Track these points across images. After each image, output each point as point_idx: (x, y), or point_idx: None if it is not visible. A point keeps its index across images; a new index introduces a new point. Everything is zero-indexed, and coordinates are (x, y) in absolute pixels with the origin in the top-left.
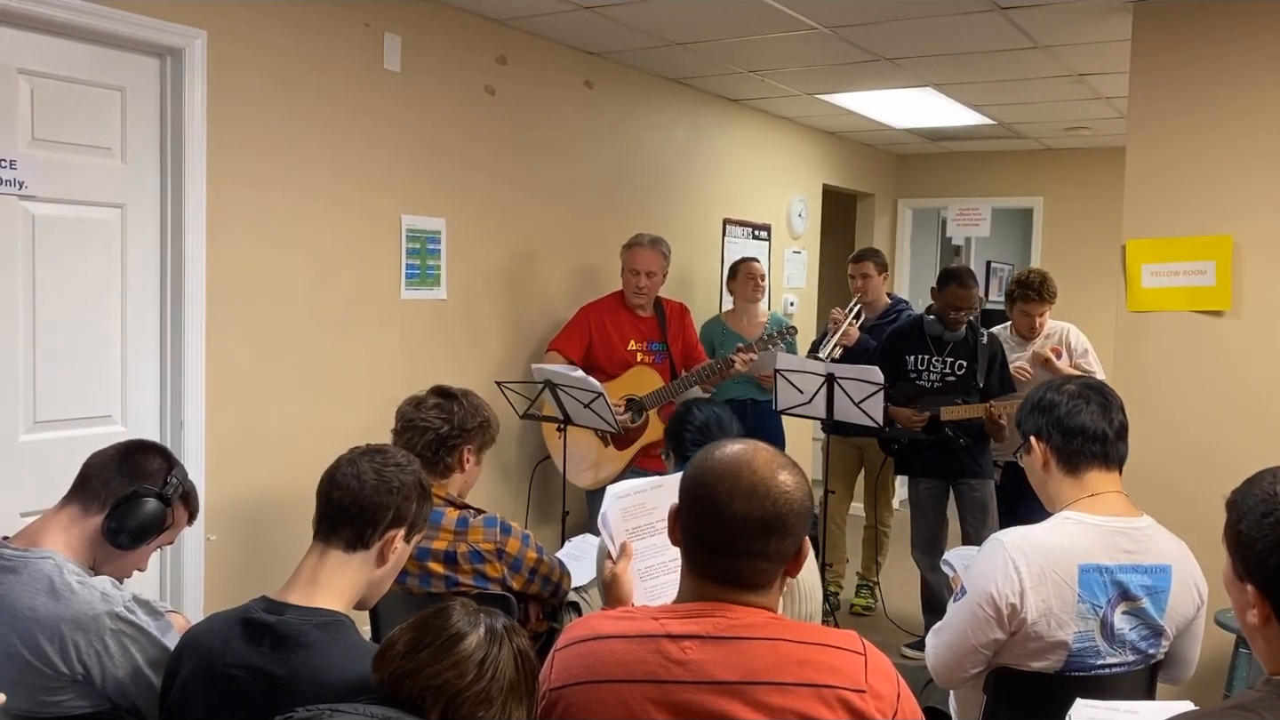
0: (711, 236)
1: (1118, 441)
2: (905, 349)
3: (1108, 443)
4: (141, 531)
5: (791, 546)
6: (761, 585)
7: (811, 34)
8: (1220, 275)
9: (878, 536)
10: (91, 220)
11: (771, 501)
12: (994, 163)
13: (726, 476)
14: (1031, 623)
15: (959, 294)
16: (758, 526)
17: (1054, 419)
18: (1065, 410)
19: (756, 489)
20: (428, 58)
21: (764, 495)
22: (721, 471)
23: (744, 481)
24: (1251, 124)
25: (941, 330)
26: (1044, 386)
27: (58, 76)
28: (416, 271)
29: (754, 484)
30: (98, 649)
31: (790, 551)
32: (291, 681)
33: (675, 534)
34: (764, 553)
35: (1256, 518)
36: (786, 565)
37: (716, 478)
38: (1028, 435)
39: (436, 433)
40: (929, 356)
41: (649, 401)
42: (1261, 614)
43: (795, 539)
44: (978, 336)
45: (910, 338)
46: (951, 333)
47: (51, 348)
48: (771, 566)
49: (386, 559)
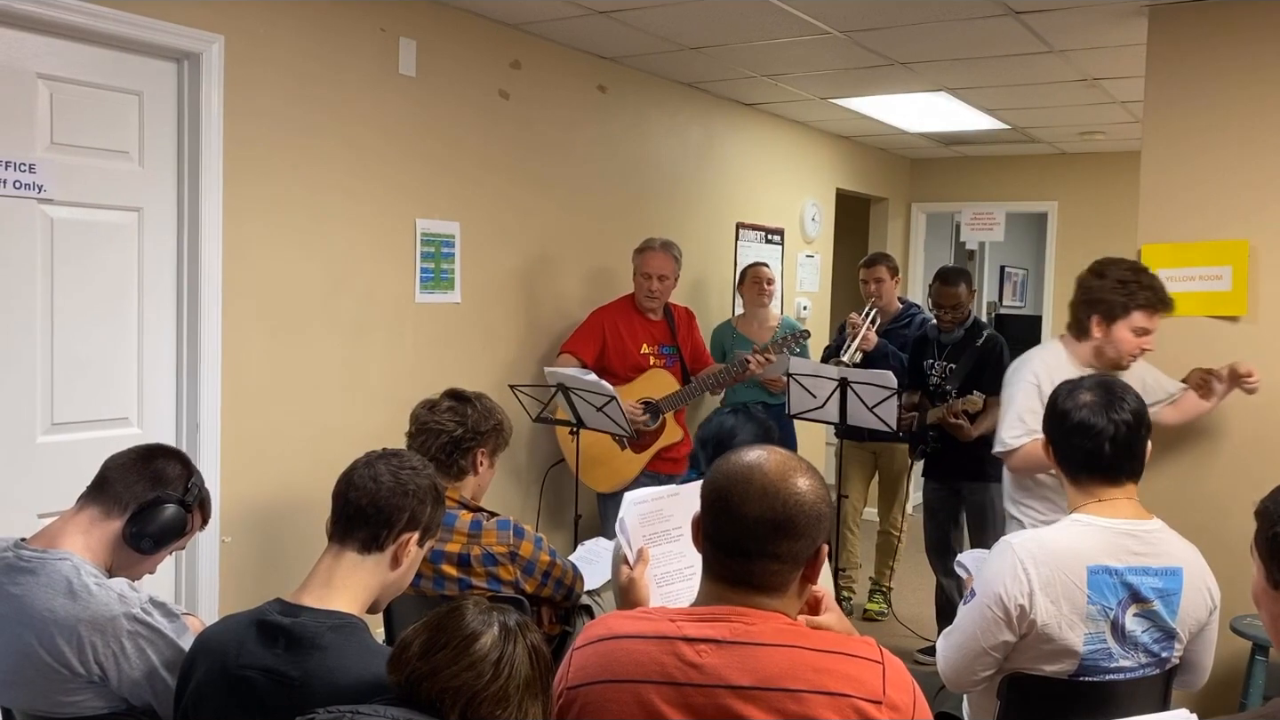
0: (724, 241)
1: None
2: (919, 355)
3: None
4: (163, 536)
5: (806, 549)
6: (776, 588)
7: (825, 38)
8: (1237, 280)
9: (891, 541)
10: (109, 224)
11: (781, 503)
12: (1008, 167)
13: (740, 479)
14: (1041, 624)
15: (941, 290)
16: (768, 527)
17: (1062, 424)
18: (1074, 418)
19: (768, 490)
20: (442, 62)
21: (774, 496)
22: (737, 475)
23: (756, 484)
24: (1268, 128)
25: (937, 334)
26: (1059, 390)
27: (76, 81)
28: (431, 275)
29: (765, 486)
30: (114, 650)
31: (805, 554)
32: (306, 684)
33: (698, 540)
34: (775, 554)
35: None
36: (805, 569)
37: (731, 481)
38: (1047, 441)
39: (450, 435)
40: (933, 360)
41: (665, 405)
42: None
43: (809, 541)
44: (976, 337)
45: (921, 343)
46: (945, 334)
47: (69, 350)
48: (785, 569)
49: (401, 562)
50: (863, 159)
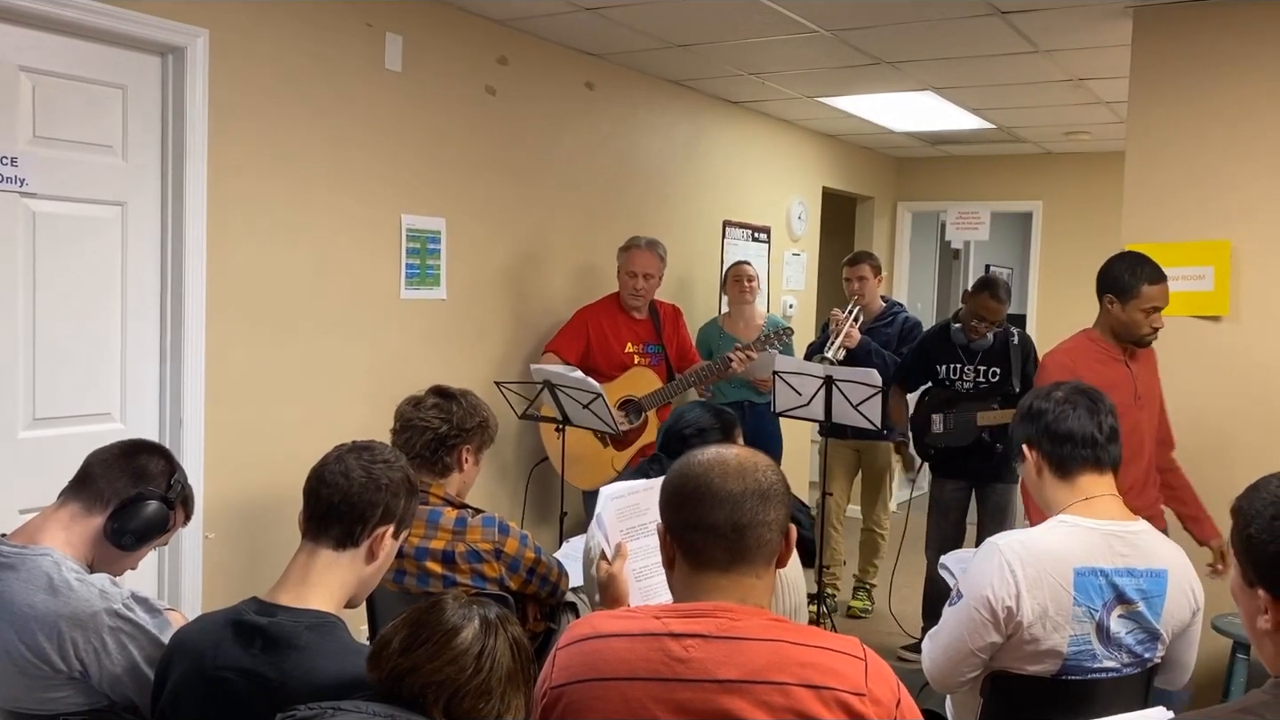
0: (711, 239)
1: (1109, 444)
2: (936, 359)
3: (1098, 446)
4: (145, 533)
5: (786, 518)
6: (767, 560)
7: (812, 37)
8: (1219, 280)
9: (875, 539)
10: (92, 218)
11: (759, 475)
12: (993, 167)
13: (716, 464)
14: (1028, 625)
15: (989, 304)
16: (756, 497)
17: (1043, 425)
18: (1053, 416)
19: (745, 466)
20: (429, 58)
21: (752, 471)
22: (710, 462)
23: (732, 465)
24: (1251, 128)
25: (966, 340)
26: (1033, 394)
27: (59, 74)
28: (416, 271)
29: (740, 464)
30: (95, 646)
31: (786, 523)
32: (284, 684)
33: (672, 539)
34: (766, 521)
35: (1266, 520)
36: (781, 548)
37: (705, 468)
38: (1020, 444)
39: (435, 432)
40: (960, 365)
41: (647, 403)
42: (1274, 619)
43: (786, 511)
44: (1009, 338)
45: (939, 346)
46: (974, 343)
47: (51, 345)
48: (775, 537)
49: (376, 556)
50: (849, 158)
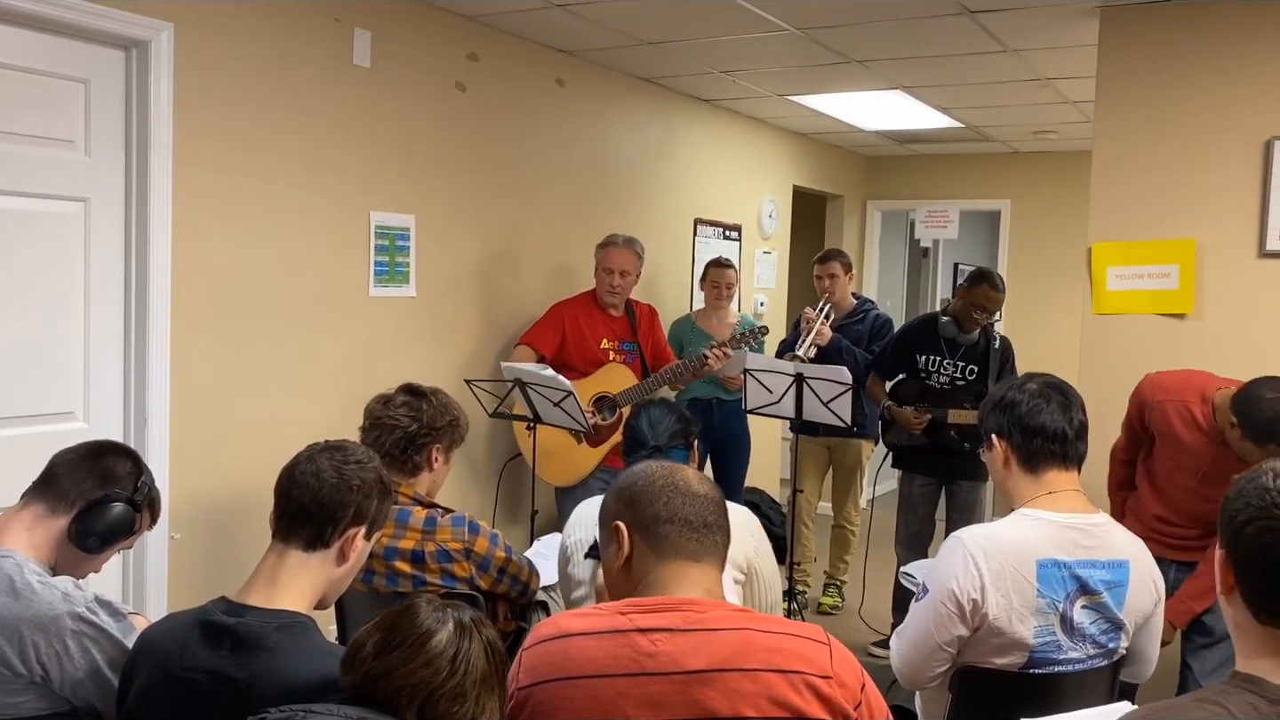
0: (682, 236)
1: (1077, 441)
2: (917, 347)
3: (1067, 442)
4: (110, 536)
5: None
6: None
7: (782, 35)
8: (1183, 278)
9: (845, 535)
10: (54, 214)
11: (711, 486)
12: (962, 165)
13: (677, 470)
14: (993, 618)
15: (990, 295)
16: (714, 504)
17: (1015, 418)
18: (1026, 409)
19: (701, 478)
20: (398, 53)
21: (711, 484)
22: (671, 468)
23: (692, 474)
24: (1214, 129)
25: (956, 332)
26: (1005, 385)
27: (18, 67)
28: (385, 268)
29: (700, 477)
30: (57, 650)
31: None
32: (253, 685)
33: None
34: (725, 528)
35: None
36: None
37: (669, 470)
38: (989, 433)
39: (405, 431)
40: (940, 358)
41: (621, 400)
42: (1225, 583)
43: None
44: (990, 341)
45: (923, 336)
46: (966, 335)
47: (11, 342)
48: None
49: (347, 557)
50: (819, 156)
